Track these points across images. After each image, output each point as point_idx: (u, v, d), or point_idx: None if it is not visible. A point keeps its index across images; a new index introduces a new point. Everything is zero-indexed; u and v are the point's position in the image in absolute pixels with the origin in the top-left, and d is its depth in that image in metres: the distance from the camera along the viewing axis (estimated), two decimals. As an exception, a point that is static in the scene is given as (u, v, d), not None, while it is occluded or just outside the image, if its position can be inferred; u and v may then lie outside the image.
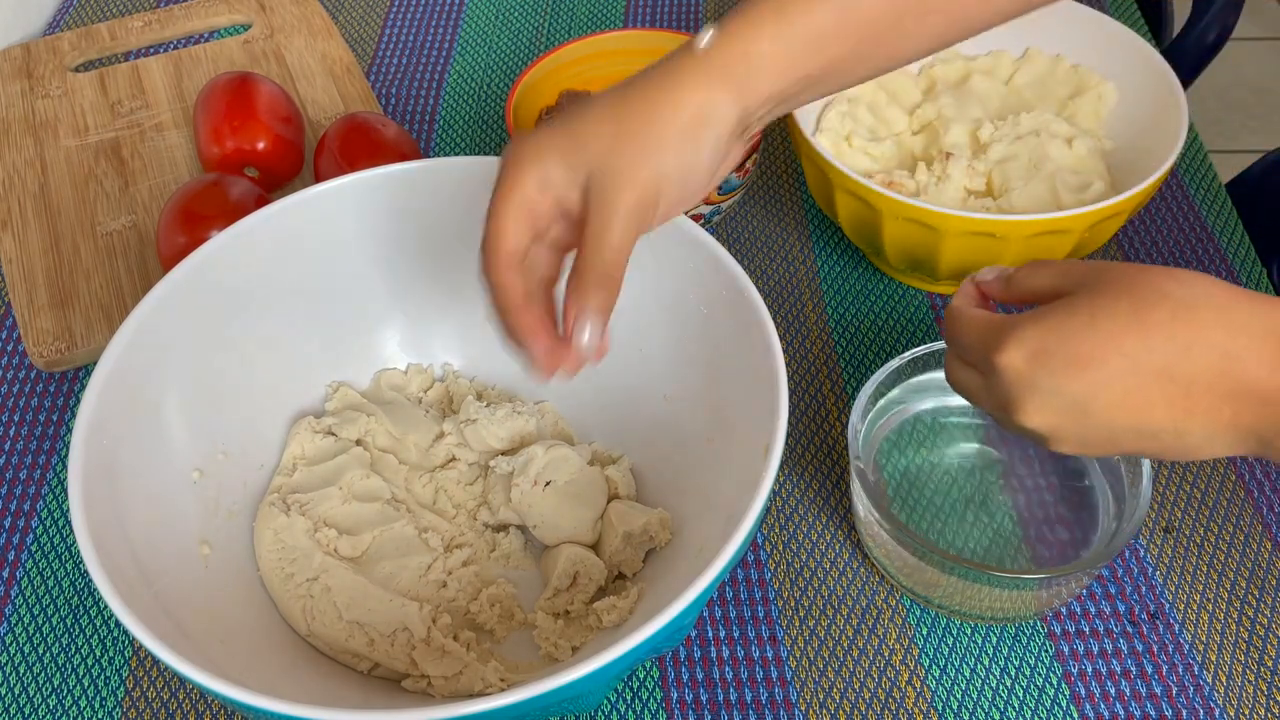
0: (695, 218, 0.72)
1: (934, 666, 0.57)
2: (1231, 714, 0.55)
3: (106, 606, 0.58)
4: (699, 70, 0.48)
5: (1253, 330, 0.40)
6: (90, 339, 0.70)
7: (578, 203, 0.48)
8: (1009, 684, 0.56)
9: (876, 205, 0.65)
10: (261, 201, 0.69)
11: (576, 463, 0.59)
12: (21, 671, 0.58)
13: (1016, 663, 0.57)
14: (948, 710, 0.55)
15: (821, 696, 0.56)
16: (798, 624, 0.59)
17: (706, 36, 0.48)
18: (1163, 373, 0.41)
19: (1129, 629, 0.58)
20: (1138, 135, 0.72)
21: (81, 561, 0.61)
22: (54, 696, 0.57)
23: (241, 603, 0.55)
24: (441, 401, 0.66)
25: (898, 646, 0.58)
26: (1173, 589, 0.59)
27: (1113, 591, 0.59)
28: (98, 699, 0.57)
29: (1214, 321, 0.40)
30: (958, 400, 0.58)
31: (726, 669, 0.57)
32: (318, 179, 0.76)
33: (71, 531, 0.62)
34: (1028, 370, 0.43)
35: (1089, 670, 0.56)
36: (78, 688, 0.57)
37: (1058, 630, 0.58)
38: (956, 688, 0.56)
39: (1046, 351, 0.42)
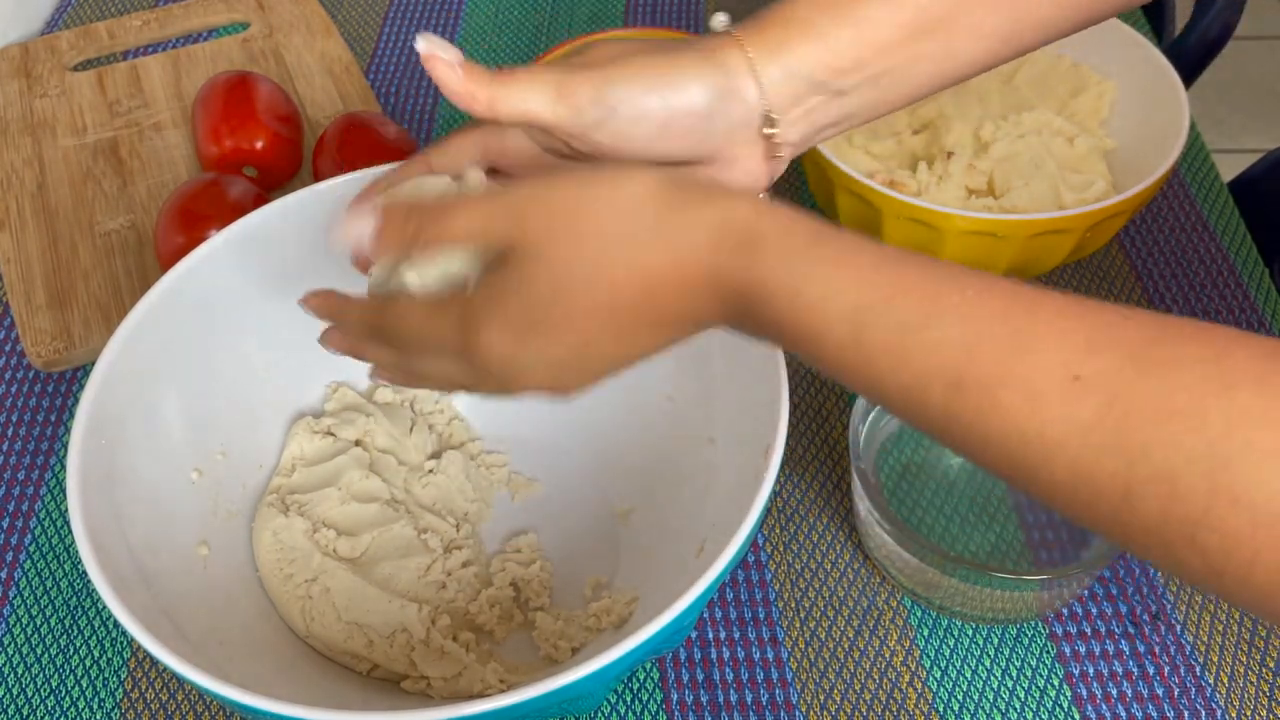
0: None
1: (935, 667, 0.57)
2: (1234, 715, 0.55)
3: (105, 607, 0.58)
4: (720, 40, 0.44)
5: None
6: (88, 339, 0.70)
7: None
8: (1010, 685, 0.56)
9: (877, 205, 0.65)
10: (260, 201, 0.69)
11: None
12: (20, 672, 0.58)
13: (1018, 664, 0.57)
14: (949, 711, 0.55)
15: (822, 698, 0.56)
16: (798, 625, 0.58)
17: (720, 19, 0.45)
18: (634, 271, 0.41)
19: (1130, 630, 0.58)
20: (1139, 134, 0.72)
21: (80, 562, 0.61)
22: (52, 697, 0.57)
23: (240, 603, 0.55)
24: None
25: (899, 647, 0.57)
26: (1174, 590, 0.59)
27: (1114, 593, 0.59)
28: (96, 700, 0.57)
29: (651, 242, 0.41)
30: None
31: (727, 670, 0.57)
32: (317, 178, 0.75)
33: (70, 532, 0.62)
34: (518, 351, 0.41)
35: (1090, 671, 0.56)
36: (76, 689, 0.57)
37: (1059, 631, 0.58)
38: (958, 689, 0.56)
39: (524, 326, 0.40)
